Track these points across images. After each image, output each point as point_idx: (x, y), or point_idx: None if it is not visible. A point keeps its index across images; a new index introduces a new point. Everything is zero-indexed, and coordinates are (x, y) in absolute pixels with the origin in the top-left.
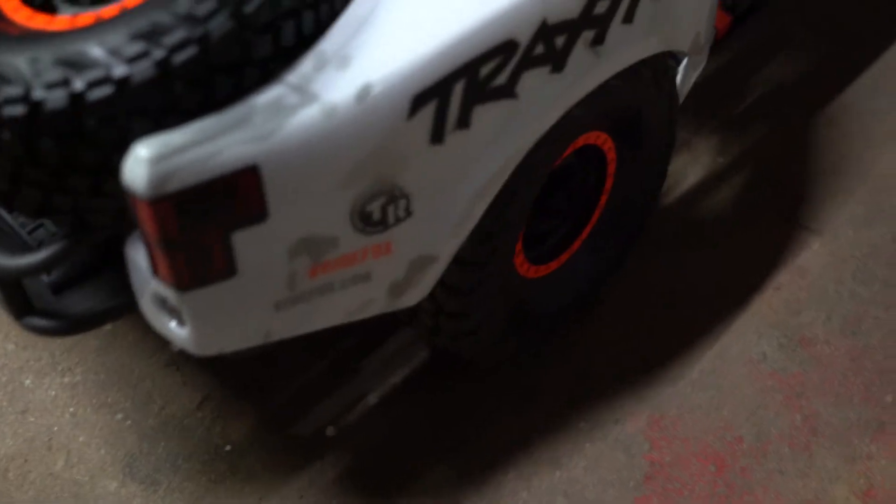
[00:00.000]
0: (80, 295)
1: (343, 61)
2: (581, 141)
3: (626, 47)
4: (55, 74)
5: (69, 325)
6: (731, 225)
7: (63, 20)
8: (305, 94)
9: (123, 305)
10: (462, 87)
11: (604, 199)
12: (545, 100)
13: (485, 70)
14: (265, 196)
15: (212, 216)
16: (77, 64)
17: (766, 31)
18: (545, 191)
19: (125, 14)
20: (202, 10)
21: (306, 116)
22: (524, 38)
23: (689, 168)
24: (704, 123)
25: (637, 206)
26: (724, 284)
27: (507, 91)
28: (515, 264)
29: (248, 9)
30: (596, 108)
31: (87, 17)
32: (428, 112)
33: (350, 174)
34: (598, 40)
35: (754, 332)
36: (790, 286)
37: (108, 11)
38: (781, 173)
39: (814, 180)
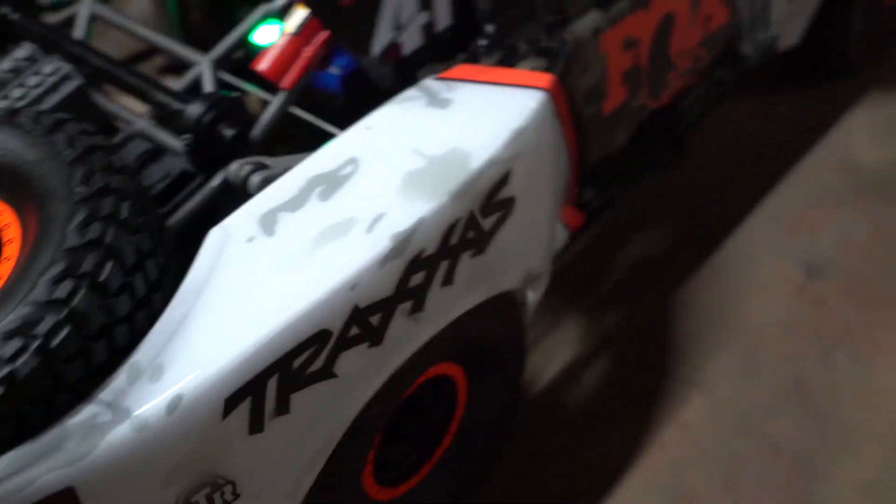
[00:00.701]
0: None
1: (156, 372)
2: (425, 377)
3: (450, 306)
4: None
5: None
6: (615, 385)
7: None
8: (117, 411)
9: None
10: (276, 380)
11: (455, 423)
12: (367, 372)
13: (298, 361)
14: None
15: None
16: None
17: (635, 211)
18: (392, 421)
19: None
20: (7, 350)
21: (118, 434)
22: (337, 325)
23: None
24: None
25: (491, 422)
26: (611, 446)
27: (325, 373)
28: (364, 488)
29: (55, 342)
30: (429, 356)
31: None
32: (243, 409)
33: (169, 475)
34: (418, 308)
35: (642, 494)
36: (674, 444)
37: None
38: (662, 329)
39: (694, 334)
